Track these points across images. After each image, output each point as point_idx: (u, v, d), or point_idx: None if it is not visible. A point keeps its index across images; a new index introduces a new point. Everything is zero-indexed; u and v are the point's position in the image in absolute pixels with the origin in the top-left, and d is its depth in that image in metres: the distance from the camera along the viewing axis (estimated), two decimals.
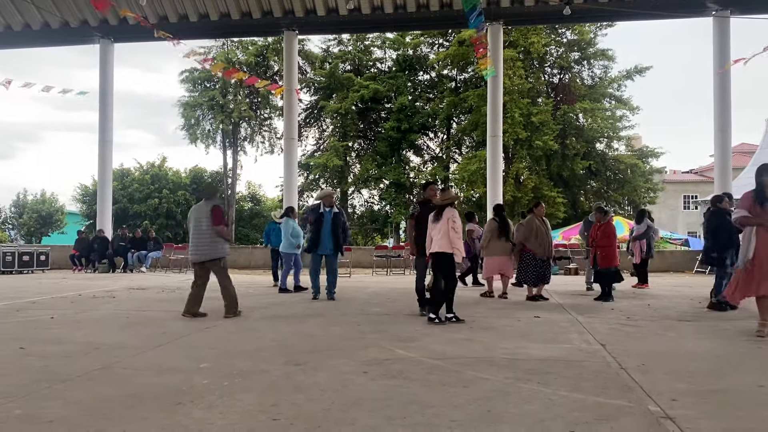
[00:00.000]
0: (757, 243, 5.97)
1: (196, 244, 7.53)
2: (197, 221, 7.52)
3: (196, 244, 7.53)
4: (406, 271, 16.97)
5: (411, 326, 6.88)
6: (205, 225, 7.45)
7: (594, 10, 17.68)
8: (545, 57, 29.82)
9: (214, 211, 7.51)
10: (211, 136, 34.85)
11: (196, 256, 7.58)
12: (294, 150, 20.47)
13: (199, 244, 7.50)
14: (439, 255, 7.10)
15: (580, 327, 6.79)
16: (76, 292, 11.30)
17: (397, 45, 32.48)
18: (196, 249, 7.56)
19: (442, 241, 7.06)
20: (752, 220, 6.00)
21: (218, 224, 7.47)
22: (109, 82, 20.66)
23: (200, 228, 7.48)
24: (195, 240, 7.53)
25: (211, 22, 19.40)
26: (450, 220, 7.04)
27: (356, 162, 33.40)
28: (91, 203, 33.10)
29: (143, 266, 18.47)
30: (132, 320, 7.41)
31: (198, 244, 7.51)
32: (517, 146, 27.12)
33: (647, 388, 4.03)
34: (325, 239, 9.50)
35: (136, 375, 4.46)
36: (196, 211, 7.64)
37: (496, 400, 3.76)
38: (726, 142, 17.55)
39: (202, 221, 7.47)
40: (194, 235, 7.53)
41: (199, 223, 7.49)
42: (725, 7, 17.09)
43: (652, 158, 30.42)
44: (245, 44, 34.01)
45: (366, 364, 4.81)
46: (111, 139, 20.70)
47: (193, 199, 34.85)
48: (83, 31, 20.08)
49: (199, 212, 7.57)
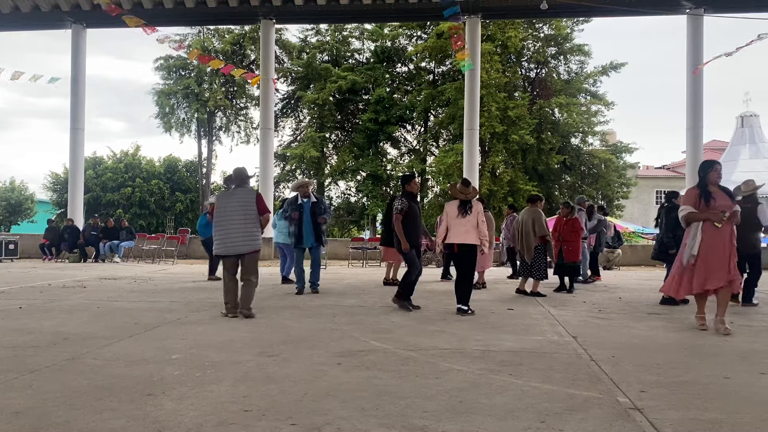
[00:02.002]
0: (702, 238, 6.05)
1: (241, 234, 6.81)
2: (239, 209, 6.84)
3: (241, 234, 6.81)
4: (382, 264, 16.98)
5: (386, 318, 6.90)
6: (249, 213, 6.84)
7: (571, 6, 17.80)
8: (522, 51, 29.92)
9: (259, 198, 7.02)
10: (186, 125, 34.38)
11: (246, 246, 6.85)
12: (270, 140, 20.34)
13: (245, 234, 6.82)
14: (466, 247, 7.26)
15: (552, 319, 6.88)
16: (46, 281, 11.11)
17: (375, 36, 32.33)
18: (243, 239, 6.83)
19: (470, 234, 7.22)
20: (699, 216, 6.10)
21: (265, 212, 7.00)
22: (81, 69, 20.27)
23: (245, 216, 6.83)
24: (238, 230, 6.81)
25: (187, 9, 19.12)
26: (480, 214, 7.32)
27: (333, 153, 33.24)
28: (62, 192, 32.47)
29: (115, 256, 18.23)
30: (103, 310, 7.31)
31: (243, 234, 6.82)
32: (494, 140, 27.23)
33: (617, 379, 4.10)
34: (307, 232, 9.31)
35: (106, 366, 4.41)
36: (233, 199, 6.92)
37: (468, 391, 3.79)
38: (698, 138, 17.86)
39: (247, 209, 6.84)
40: (235, 224, 6.82)
41: (242, 210, 6.83)
42: (699, 5, 17.37)
43: (626, 154, 30.76)
44: (222, 32, 33.54)
45: (340, 355, 4.81)
46: (83, 126, 20.34)
47: (167, 187, 34.44)
48: (55, 16, 19.66)
49: (239, 199, 6.89)
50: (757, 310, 7.94)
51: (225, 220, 6.88)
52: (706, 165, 6.38)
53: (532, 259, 9.33)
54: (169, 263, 17.52)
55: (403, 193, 7.86)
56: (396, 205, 7.63)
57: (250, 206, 6.87)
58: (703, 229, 6.07)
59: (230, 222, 6.84)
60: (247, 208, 6.85)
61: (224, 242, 6.87)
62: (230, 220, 6.84)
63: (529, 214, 9.49)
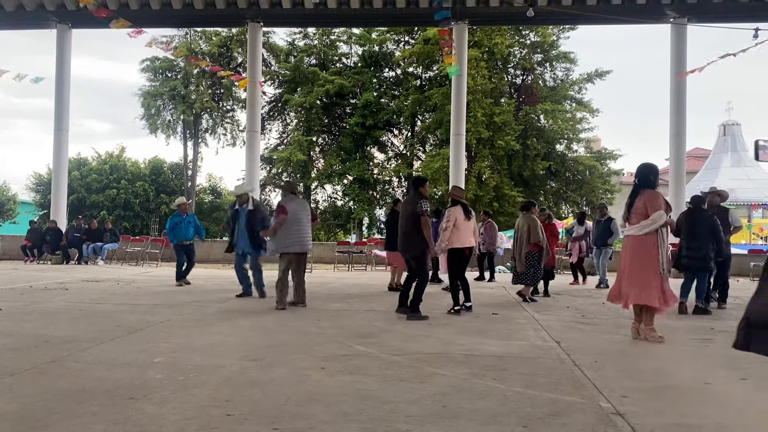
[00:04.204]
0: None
1: (303, 235, 8.12)
2: (299, 214, 8.12)
3: (303, 235, 8.12)
4: (368, 267, 16.99)
5: (370, 322, 6.90)
6: (306, 219, 8.17)
7: (557, 13, 17.93)
8: (509, 58, 30.12)
9: (311, 208, 8.55)
10: (172, 126, 34.15)
11: (311, 244, 8.44)
12: (257, 143, 20.23)
13: (305, 236, 8.16)
14: (470, 250, 7.79)
15: (536, 324, 6.91)
16: (27, 283, 10.97)
17: (363, 41, 32.38)
18: (304, 240, 8.16)
19: (473, 237, 7.80)
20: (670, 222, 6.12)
21: (315, 219, 8.63)
22: (66, 69, 20.04)
23: (302, 221, 8.12)
24: (301, 232, 8.10)
25: (174, 11, 18.97)
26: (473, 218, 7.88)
27: (320, 157, 33.20)
28: (45, 193, 32.12)
29: (99, 258, 18.05)
30: (85, 313, 7.24)
31: (304, 236, 8.14)
32: (480, 145, 27.37)
33: (599, 384, 4.13)
34: (240, 238, 9.28)
35: (88, 369, 4.37)
36: (301, 206, 8.29)
37: (451, 395, 3.80)
38: (681, 146, 18.02)
39: (303, 215, 8.16)
40: (298, 227, 8.06)
41: (301, 216, 8.13)
42: (683, 14, 17.56)
43: (610, 160, 31.00)
44: (209, 35, 33.42)
45: (324, 359, 4.80)
46: (67, 127, 20.10)
47: (152, 189, 34.22)
48: (40, 15, 19.41)
49: (303, 206, 8.32)
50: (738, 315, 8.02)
51: (296, 223, 8.08)
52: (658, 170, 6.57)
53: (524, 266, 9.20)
54: (153, 266, 17.39)
55: (419, 195, 7.52)
56: (423, 207, 7.28)
57: (308, 213, 8.34)
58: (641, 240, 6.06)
59: (299, 224, 8.09)
60: (308, 214, 8.30)
61: (300, 241, 8.13)
62: (298, 223, 8.09)
63: (525, 222, 9.33)
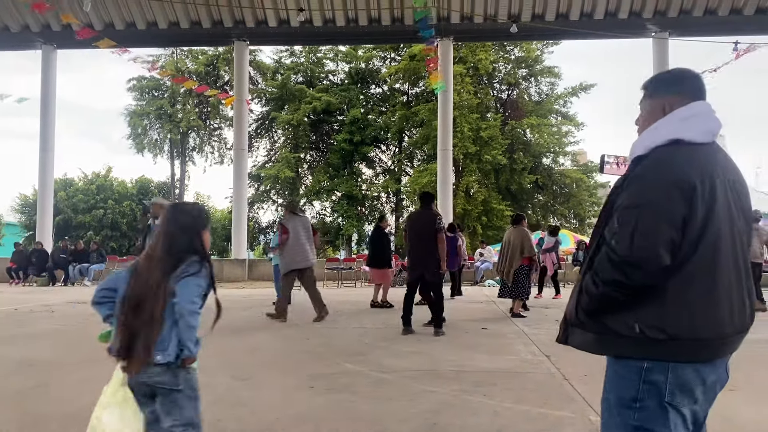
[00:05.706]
0: None
1: (305, 251, 8.58)
2: (300, 231, 8.61)
3: (305, 251, 8.58)
4: (357, 284, 16.92)
5: (359, 339, 6.87)
6: (306, 236, 8.65)
7: (540, 29, 18.14)
8: (494, 73, 30.40)
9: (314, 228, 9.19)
10: (159, 145, 34.11)
11: (311, 260, 8.73)
12: (244, 161, 20.23)
13: (307, 252, 8.60)
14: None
15: (525, 339, 6.91)
16: (12, 306, 10.84)
17: (349, 58, 32.57)
18: (307, 255, 8.59)
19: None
20: None
21: (316, 234, 9.26)
22: (51, 90, 19.99)
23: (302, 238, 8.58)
24: (303, 248, 8.55)
25: (160, 31, 19.02)
26: None
27: (308, 174, 33.22)
28: (31, 214, 31.85)
29: (85, 279, 17.86)
30: (71, 336, 7.16)
31: (306, 252, 8.59)
32: (467, 160, 27.51)
33: (589, 398, 4.12)
34: None
35: (74, 393, 4.31)
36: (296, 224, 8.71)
37: (442, 413, 3.78)
38: None
39: (304, 232, 8.65)
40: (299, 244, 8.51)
41: (302, 233, 8.61)
42: (664, 29, 17.84)
43: (597, 173, 31.22)
44: (195, 53, 33.51)
45: (312, 378, 4.77)
46: (53, 147, 20.00)
47: (138, 209, 34.01)
48: (24, 36, 19.38)
49: (299, 225, 8.75)
50: None
51: (298, 240, 8.53)
52: None
53: (515, 280, 9.14)
54: None
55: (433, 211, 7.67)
56: (440, 224, 7.42)
57: (309, 230, 8.84)
58: None
59: (302, 241, 8.56)
60: (309, 231, 8.81)
61: (304, 257, 8.60)
62: (302, 240, 8.56)
63: (517, 235, 9.29)
